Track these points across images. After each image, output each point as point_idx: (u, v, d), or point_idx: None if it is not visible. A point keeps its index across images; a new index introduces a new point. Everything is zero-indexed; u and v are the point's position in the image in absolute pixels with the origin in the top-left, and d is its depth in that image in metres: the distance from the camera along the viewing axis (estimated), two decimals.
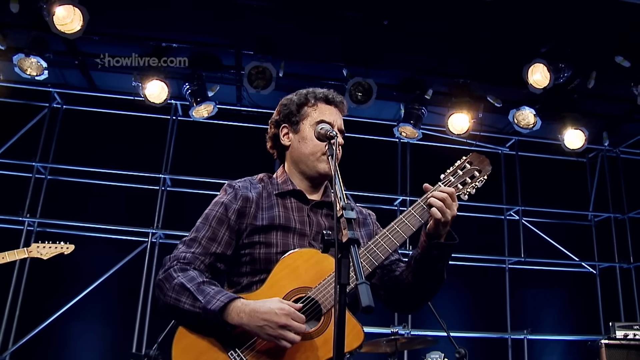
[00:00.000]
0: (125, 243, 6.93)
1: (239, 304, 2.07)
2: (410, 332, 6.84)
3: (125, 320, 6.62)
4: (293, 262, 2.20)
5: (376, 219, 2.66)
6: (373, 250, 2.21)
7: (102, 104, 7.28)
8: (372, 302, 1.58)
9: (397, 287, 2.39)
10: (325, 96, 2.50)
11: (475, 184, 2.34)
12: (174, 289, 2.14)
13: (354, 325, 2.11)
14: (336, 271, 1.70)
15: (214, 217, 2.34)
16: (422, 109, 7.02)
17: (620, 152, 8.47)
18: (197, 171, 7.16)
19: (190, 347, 2.11)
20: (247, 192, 2.40)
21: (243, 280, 2.31)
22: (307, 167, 2.44)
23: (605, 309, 7.89)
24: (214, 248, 2.29)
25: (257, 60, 6.20)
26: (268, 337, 2.03)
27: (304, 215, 2.40)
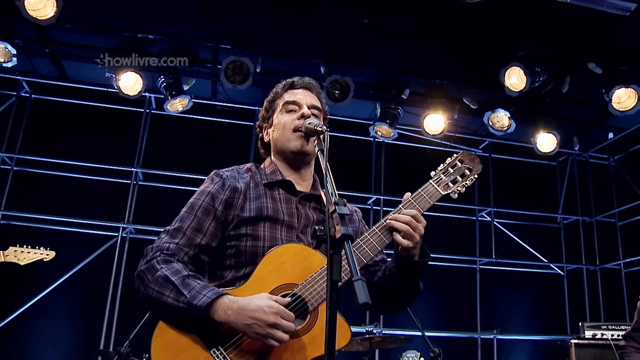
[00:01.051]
0: (95, 237, 6.78)
1: (226, 301, 2.00)
2: (382, 331, 6.85)
3: (93, 317, 6.46)
4: (279, 257, 2.13)
5: (362, 216, 2.63)
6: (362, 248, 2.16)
7: (73, 95, 7.09)
8: (369, 299, 1.54)
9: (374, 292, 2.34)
10: (291, 82, 2.50)
11: (465, 182, 2.32)
12: (156, 281, 2.05)
13: (342, 323, 2.06)
14: (328, 268, 1.66)
15: (199, 207, 2.25)
16: (398, 109, 7.04)
17: (590, 156, 8.65)
18: (170, 166, 7.04)
19: (170, 344, 2.02)
20: (235, 182, 2.33)
21: (226, 274, 2.22)
22: (283, 150, 2.40)
23: (571, 310, 8.04)
24: (199, 239, 2.20)
25: (234, 55, 6.12)
26: (256, 336, 1.97)
27: (292, 207, 2.34)
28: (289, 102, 2.41)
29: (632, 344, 3.43)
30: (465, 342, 7.62)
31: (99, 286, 6.57)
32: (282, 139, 2.38)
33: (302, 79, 2.52)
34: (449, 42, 6.25)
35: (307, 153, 2.36)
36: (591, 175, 8.60)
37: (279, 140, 2.40)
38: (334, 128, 7.29)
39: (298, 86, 2.49)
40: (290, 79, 2.52)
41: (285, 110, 2.41)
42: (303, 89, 2.49)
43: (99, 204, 6.89)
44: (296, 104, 2.40)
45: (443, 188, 2.28)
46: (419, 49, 6.43)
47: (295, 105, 2.40)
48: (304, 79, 2.51)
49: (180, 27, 6.30)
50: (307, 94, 2.47)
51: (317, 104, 2.46)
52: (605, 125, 7.91)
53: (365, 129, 7.50)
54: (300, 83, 2.50)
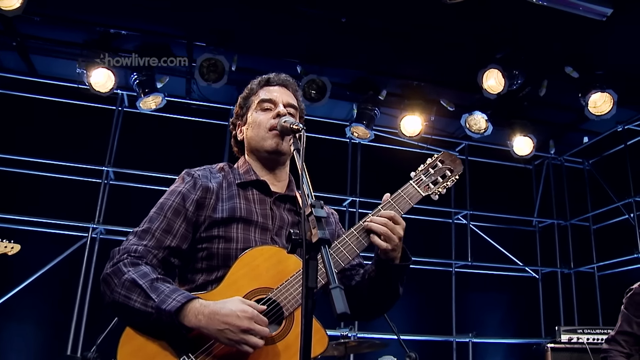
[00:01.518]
0: (63, 238, 6.59)
1: (197, 305, 1.90)
2: (357, 335, 6.78)
3: (60, 321, 6.27)
4: (253, 260, 2.05)
5: (339, 219, 2.55)
6: (340, 250, 2.10)
7: (42, 91, 6.89)
8: (348, 309, 1.46)
9: (352, 297, 2.27)
10: (267, 79, 2.42)
11: (446, 183, 2.28)
12: (123, 285, 1.95)
13: (318, 329, 1.98)
14: (304, 273, 1.57)
15: (169, 207, 2.15)
16: (375, 110, 6.99)
17: (565, 160, 8.71)
18: (142, 165, 6.88)
19: (138, 350, 1.92)
20: (207, 181, 2.24)
21: (197, 278, 2.13)
22: (257, 149, 2.32)
23: (546, 313, 8.07)
24: (168, 241, 2.10)
25: (209, 53, 6.01)
26: (228, 342, 1.87)
27: (266, 208, 2.25)
28: (264, 100, 2.33)
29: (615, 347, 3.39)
30: (440, 346, 7.59)
31: (67, 289, 6.38)
32: (257, 137, 2.30)
33: (279, 75, 2.43)
34: (427, 43, 6.21)
35: (283, 153, 2.28)
36: (566, 179, 8.67)
37: (254, 139, 2.32)
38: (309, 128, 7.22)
39: (274, 83, 2.41)
40: (266, 75, 2.43)
41: (261, 108, 2.33)
42: (279, 86, 2.40)
43: (68, 203, 6.68)
44: (272, 102, 2.32)
45: (424, 189, 2.24)
46: (396, 49, 6.39)
47: (271, 103, 2.32)
48: (280, 76, 2.43)
49: (154, 23, 6.16)
50: (283, 92, 2.39)
51: (293, 102, 2.38)
52: (580, 129, 7.98)
53: (342, 129, 7.44)
54: (277, 80, 2.41)
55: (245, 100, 2.42)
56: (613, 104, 6.28)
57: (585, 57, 6.27)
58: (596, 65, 6.37)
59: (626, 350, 3.36)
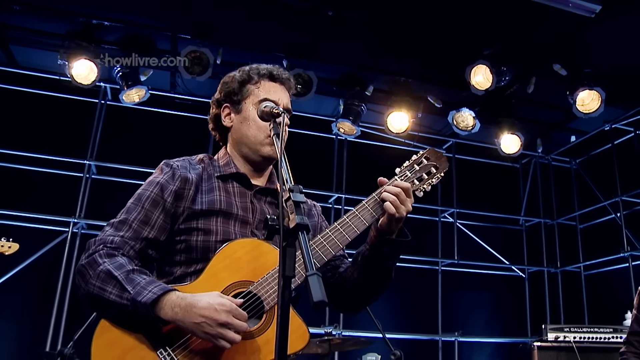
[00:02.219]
0: (43, 233, 6.45)
1: (173, 297, 1.84)
2: (342, 333, 6.72)
3: (40, 318, 6.15)
4: (234, 252, 2.00)
5: (321, 211, 2.49)
6: (323, 244, 2.04)
7: (23, 82, 6.73)
8: (325, 297, 1.39)
9: (341, 284, 2.25)
10: (269, 72, 2.30)
11: (431, 180, 2.24)
12: (98, 277, 1.89)
13: (299, 324, 1.93)
14: (280, 262, 1.51)
15: (147, 198, 2.11)
16: (361, 106, 6.93)
17: (552, 159, 8.69)
18: (125, 159, 6.75)
19: (113, 343, 1.86)
20: (187, 172, 2.18)
21: (176, 270, 2.08)
22: (250, 151, 2.25)
23: (532, 312, 8.05)
24: (146, 232, 2.05)
25: (194, 45, 5.91)
26: (205, 336, 1.81)
27: (246, 202, 2.20)
28: (268, 100, 2.20)
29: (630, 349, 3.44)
30: (426, 344, 7.54)
31: (47, 284, 6.25)
32: (254, 140, 2.23)
33: (282, 71, 2.34)
34: (414, 38, 6.15)
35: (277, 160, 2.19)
36: (553, 178, 8.65)
37: (248, 138, 2.24)
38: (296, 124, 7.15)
39: (277, 80, 2.30)
40: (267, 66, 2.32)
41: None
42: (282, 85, 2.31)
43: (48, 197, 6.56)
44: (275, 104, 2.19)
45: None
46: (383, 45, 6.33)
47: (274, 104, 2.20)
48: (283, 72, 2.34)
49: (138, 14, 6.04)
50: (284, 93, 2.31)
51: (289, 104, 2.31)
52: (568, 128, 7.96)
53: (328, 126, 7.36)
54: (280, 77, 2.31)
55: (241, 86, 2.28)
56: (601, 102, 6.26)
57: (573, 54, 6.25)
58: (584, 63, 6.35)
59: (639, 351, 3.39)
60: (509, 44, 6.07)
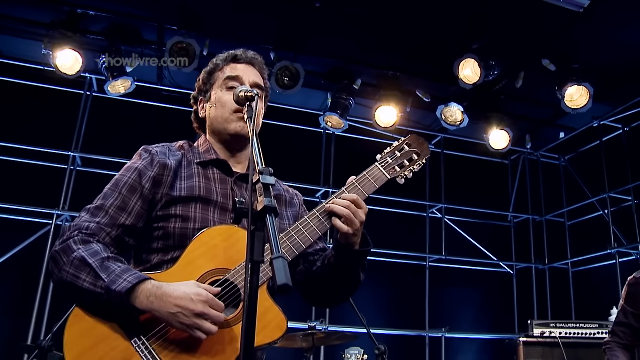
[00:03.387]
0: (26, 224, 6.37)
1: (149, 286, 1.79)
2: (328, 328, 6.67)
3: (22, 311, 6.07)
4: (210, 239, 1.95)
5: (303, 201, 2.45)
6: (302, 232, 2.02)
7: (6, 72, 6.64)
8: (290, 280, 1.35)
9: (314, 281, 2.23)
10: (233, 56, 2.32)
11: (413, 167, 2.21)
12: (72, 263, 1.84)
13: (276, 313, 1.89)
14: (248, 245, 1.46)
15: (125, 184, 2.05)
16: (349, 99, 6.88)
17: (541, 155, 8.68)
18: (110, 151, 6.66)
19: (86, 332, 1.80)
20: (165, 158, 2.13)
21: (153, 258, 2.03)
22: (220, 131, 2.23)
23: (520, 308, 8.04)
24: (122, 219, 2.00)
25: (180, 36, 5.85)
26: (180, 326, 1.76)
27: (226, 188, 2.16)
28: (230, 78, 2.24)
29: (614, 339, 3.51)
30: (413, 340, 7.51)
31: (30, 277, 6.16)
32: (220, 119, 2.21)
33: (246, 52, 2.33)
34: (402, 32, 6.11)
35: (247, 136, 2.17)
36: (542, 175, 8.65)
37: (217, 119, 2.23)
38: (283, 118, 7.10)
39: (241, 60, 2.31)
40: (232, 51, 2.32)
41: (226, 86, 2.23)
42: (246, 64, 2.31)
43: (32, 189, 6.47)
44: (237, 80, 2.23)
45: (389, 172, 2.17)
46: (372, 38, 6.28)
47: (237, 81, 2.23)
48: (247, 53, 2.33)
49: (124, 3, 5.97)
50: (249, 70, 2.30)
51: (259, 81, 2.30)
52: (556, 124, 7.95)
53: (315, 119, 7.31)
54: (244, 57, 2.31)
55: (209, 75, 2.32)
56: (589, 97, 6.26)
57: (562, 50, 6.23)
58: (573, 58, 6.34)
59: (624, 341, 3.50)
60: (498, 38, 6.04)
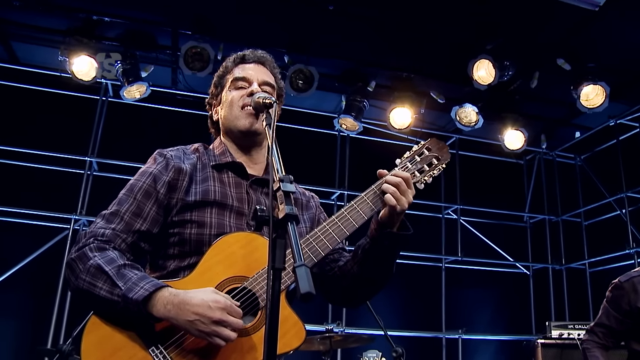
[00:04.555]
0: (45, 230, 6.43)
1: (166, 294, 1.78)
2: (345, 330, 6.67)
3: (41, 315, 6.12)
4: (228, 246, 1.93)
5: (319, 203, 2.44)
6: (320, 239, 1.99)
7: (24, 79, 6.71)
8: (313, 289, 1.35)
9: (341, 278, 2.19)
10: (241, 56, 2.33)
11: (433, 172, 2.19)
12: (88, 271, 1.83)
13: (295, 322, 1.88)
14: (269, 253, 1.47)
15: (140, 189, 2.04)
16: (363, 102, 6.87)
17: (556, 155, 8.61)
18: (126, 156, 6.71)
19: (104, 341, 1.79)
20: (180, 162, 2.12)
21: (169, 264, 2.01)
22: (231, 130, 2.23)
23: (537, 309, 7.98)
24: (138, 225, 1.98)
25: (194, 41, 5.88)
26: (199, 334, 1.75)
27: (242, 192, 2.14)
28: (238, 78, 2.24)
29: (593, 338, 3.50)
30: (429, 342, 7.49)
31: (49, 281, 6.22)
32: (230, 117, 2.21)
33: (254, 52, 2.33)
34: (416, 33, 6.09)
35: (258, 132, 2.18)
36: (558, 174, 8.58)
37: (227, 118, 2.23)
38: (297, 120, 7.11)
39: (250, 60, 2.31)
40: (242, 52, 2.33)
41: (234, 86, 2.24)
42: (255, 64, 2.31)
43: (50, 194, 6.53)
44: (246, 80, 2.23)
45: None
46: (385, 40, 6.27)
47: (245, 81, 2.23)
48: (256, 52, 2.33)
49: (139, 10, 6.01)
50: (258, 69, 2.29)
51: (269, 79, 2.28)
52: (572, 124, 7.89)
53: (330, 122, 7.32)
54: (252, 57, 2.31)
55: (220, 78, 2.33)
56: (605, 96, 6.20)
57: (577, 49, 6.18)
58: (588, 57, 6.28)
59: (602, 342, 3.51)
60: (512, 38, 6.00)
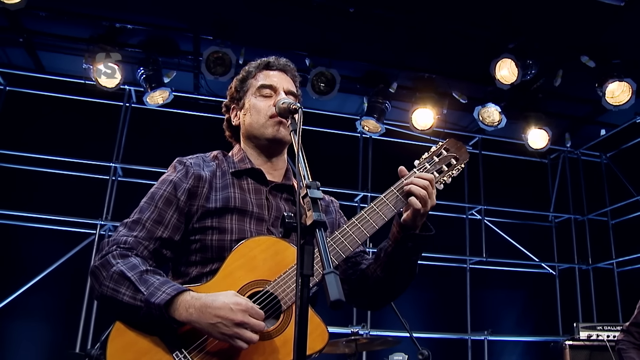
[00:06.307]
0: (71, 235, 6.53)
1: (188, 298, 1.81)
2: (370, 332, 6.66)
3: (69, 319, 6.20)
4: (249, 251, 1.95)
5: (339, 207, 2.44)
6: (341, 241, 1.99)
7: (50, 87, 6.83)
8: (343, 296, 1.35)
9: (363, 281, 2.20)
10: (266, 63, 2.33)
11: (452, 172, 2.18)
12: (111, 278, 1.86)
13: (318, 324, 1.88)
14: (298, 260, 1.47)
15: (160, 197, 2.07)
16: (385, 103, 6.85)
17: (581, 153, 8.50)
18: (150, 161, 6.78)
19: (128, 347, 1.82)
20: (200, 170, 2.16)
21: (191, 271, 2.04)
22: (256, 137, 2.23)
23: (563, 310, 7.88)
24: (159, 232, 2.02)
25: (216, 46, 5.92)
26: (221, 337, 1.77)
27: (262, 198, 2.16)
28: (264, 86, 2.25)
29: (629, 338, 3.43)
30: (455, 344, 7.44)
31: (76, 286, 6.29)
32: (257, 124, 2.21)
33: (279, 59, 2.35)
34: (437, 33, 6.06)
35: (285, 141, 2.21)
36: (583, 173, 8.47)
37: (253, 125, 2.23)
38: (320, 123, 7.11)
39: (274, 67, 2.32)
40: (265, 58, 2.34)
41: (260, 94, 2.25)
42: (279, 71, 2.32)
43: (76, 200, 6.62)
44: (272, 89, 2.24)
45: None
46: (406, 40, 6.24)
47: (271, 89, 2.24)
48: (280, 60, 2.35)
49: (160, 16, 6.08)
50: (283, 78, 2.31)
51: (293, 89, 2.30)
52: (597, 121, 7.77)
53: (352, 124, 7.32)
54: (277, 64, 2.33)
55: (242, 83, 2.33)
56: (632, 93, 6.09)
57: (601, 45, 6.08)
58: (613, 53, 6.17)
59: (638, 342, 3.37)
60: (534, 37, 5.94)
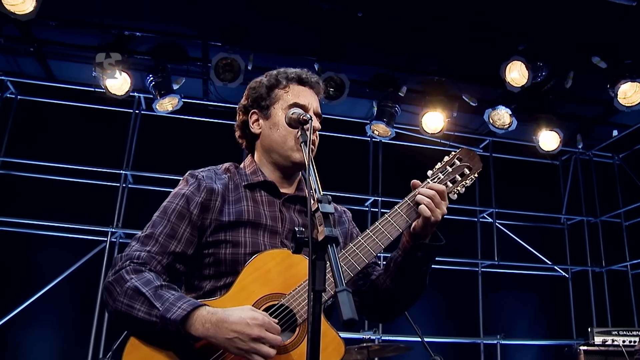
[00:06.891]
0: (83, 243, 6.54)
1: (204, 313, 1.79)
2: (382, 338, 6.63)
3: (81, 326, 6.21)
4: (264, 264, 1.94)
5: (352, 218, 2.42)
6: (355, 253, 1.97)
7: (60, 95, 6.86)
8: (356, 315, 1.34)
9: (374, 293, 2.18)
10: (298, 76, 2.24)
11: (465, 182, 2.16)
12: (126, 294, 1.85)
13: (333, 337, 1.88)
14: (309, 275, 1.46)
15: (173, 211, 2.06)
16: (395, 107, 6.82)
17: (593, 155, 8.43)
18: (160, 168, 6.80)
19: None
20: (212, 183, 2.13)
21: (205, 285, 2.03)
22: (280, 157, 2.18)
23: (577, 313, 7.81)
24: (173, 246, 2.00)
25: (224, 52, 5.92)
26: (238, 352, 1.75)
27: (275, 211, 2.14)
28: (298, 105, 2.15)
29: None
30: (467, 348, 7.39)
31: (88, 294, 6.32)
32: (284, 145, 2.15)
33: (310, 75, 2.27)
34: (446, 36, 6.03)
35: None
36: (595, 174, 8.38)
37: (278, 143, 2.17)
38: (329, 127, 7.08)
39: (307, 84, 2.24)
40: (296, 70, 2.25)
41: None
42: (311, 89, 2.25)
43: (87, 207, 6.64)
44: (305, 109, 2.15)
45: None
46: (415, 44, 6.22)
47: (303, 109, 2.14)
48: (312, 76, 2.27)
49: (169, 23, 6.09)
50: (314, 98, 2.25)
51: (319, 109, 2.25)
52: (609, 122, 7.70)
53: (362, 128, 7.28)
54: (309, 81, 2.25)
55: (269, 90, 2.23)
56: None
57: (613, 46, 6.02)
58: (625, 54, 6.11)
59: None
60: (544, 38, 5.89)
